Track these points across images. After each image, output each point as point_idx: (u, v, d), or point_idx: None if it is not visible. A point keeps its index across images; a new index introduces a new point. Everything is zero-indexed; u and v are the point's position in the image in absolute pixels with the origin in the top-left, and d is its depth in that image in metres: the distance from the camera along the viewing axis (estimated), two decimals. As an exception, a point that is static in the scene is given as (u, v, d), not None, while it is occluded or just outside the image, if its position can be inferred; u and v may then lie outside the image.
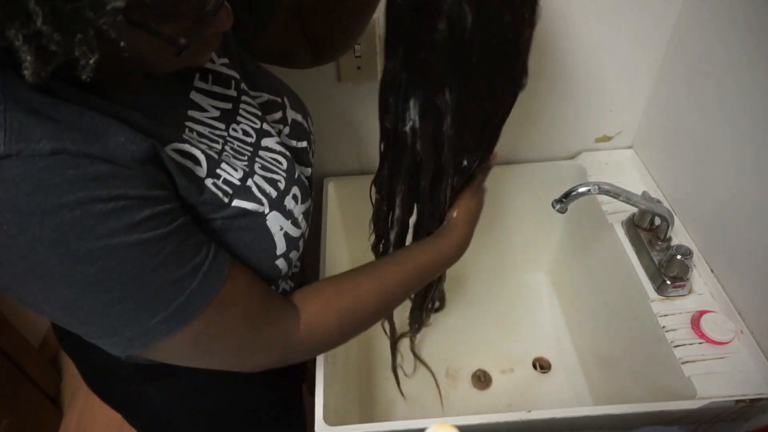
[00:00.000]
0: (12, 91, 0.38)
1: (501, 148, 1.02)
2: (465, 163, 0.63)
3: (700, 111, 0.82)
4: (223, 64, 0.58)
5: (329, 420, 0.68)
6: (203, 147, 0.50)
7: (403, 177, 0.64)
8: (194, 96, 0.53)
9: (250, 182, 0.52)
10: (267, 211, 0.52)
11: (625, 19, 0.86)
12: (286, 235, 0.54)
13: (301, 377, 0.90)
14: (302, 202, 0.57)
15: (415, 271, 0.62)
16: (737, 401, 0.68)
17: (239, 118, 0.56)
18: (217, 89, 0.56)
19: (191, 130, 0.51)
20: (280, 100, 0.63)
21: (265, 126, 0.59)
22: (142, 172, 0.42)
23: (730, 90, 0.75)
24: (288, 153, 0.59)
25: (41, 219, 0.37)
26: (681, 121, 0.88)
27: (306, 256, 0.86)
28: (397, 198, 0.67)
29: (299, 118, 0.64)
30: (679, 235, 0.88)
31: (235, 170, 0.51)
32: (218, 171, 0.50)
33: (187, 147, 0.48)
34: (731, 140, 0.75)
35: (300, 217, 0.57)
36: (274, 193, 0.54)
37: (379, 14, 0.83)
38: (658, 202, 0.83)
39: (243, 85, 0.59)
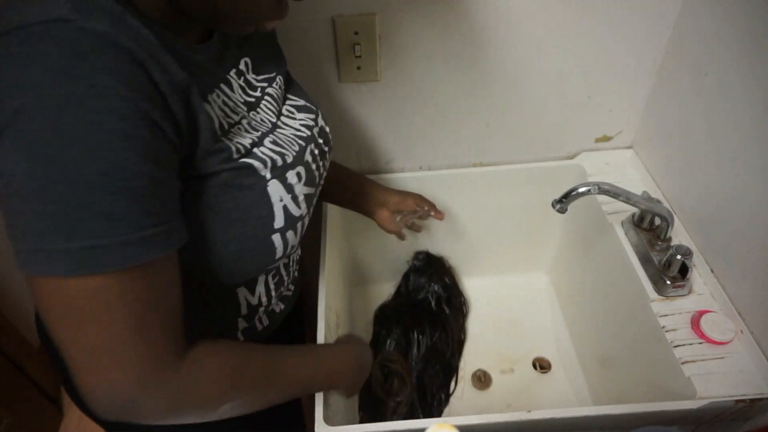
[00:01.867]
0: None
1: (502, 148, 1.04)
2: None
3: (699, 111, 0.82)
4: (256, 79, 0.61)
5: (329, 420, 0.68)
6: (221, 114, 0.52)
7: None
8: (228, 78, 0.57)
9: (255, 150, 0.54)
10: (269, 176, 0.53)
11: (625, 19, 0.86)
12: (285, 209, 0.55)
13: None
14: (306, 185, 0.58)
15: (312, 373, 0.64)
16: (737, 401, 0.68)
17: (259, 109, 0.59)
18: (245, 85, 0.59)
19: (218, 95, 0.53)
20: (314, 108, 0.68)
21: (281, 122, 0.62)
22: (162, 100, 0.43)
23: (729, 90, 0.75)
24: (308, 136, 0.62)
25: (65, 80, 0.38)
26: (681, 121, 0.88)
27: (306, 256, 0.87)
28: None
29: (327, 129, 0.68)
30: (679, 235, 0.88)
31: (244, 139, 0.53)
32: (230, 135, 0.52)
33: (208, 108, 0.49)
34: (731, 140, 0.75)
35: (301, 197, 0.57)
36: (279, 162, 0.55)
37: (379, 12, 0.83)
38: (658, 202, 0.83)
39: (269, 89, 0.62)
